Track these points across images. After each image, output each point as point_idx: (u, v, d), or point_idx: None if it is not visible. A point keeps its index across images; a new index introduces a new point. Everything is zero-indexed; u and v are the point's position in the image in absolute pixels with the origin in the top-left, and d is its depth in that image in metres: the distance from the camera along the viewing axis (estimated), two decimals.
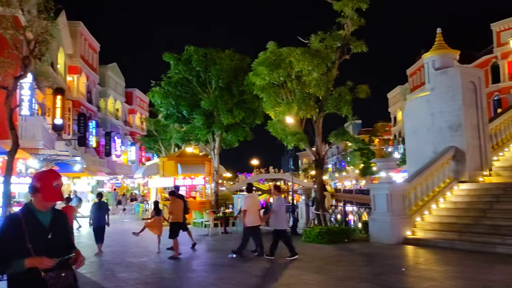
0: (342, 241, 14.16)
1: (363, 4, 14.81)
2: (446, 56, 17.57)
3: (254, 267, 10.84)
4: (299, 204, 18.18)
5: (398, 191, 14.23)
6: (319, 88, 14.90)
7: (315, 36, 15.54)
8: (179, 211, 13.07)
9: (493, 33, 46.32)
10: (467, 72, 17.19)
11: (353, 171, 74.25)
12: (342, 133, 15.56)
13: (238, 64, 21.39)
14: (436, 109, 16.87)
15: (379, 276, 9.30)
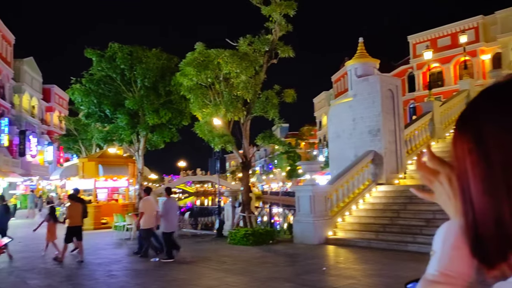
0: (267, 242, 14.34)
1: (290, 10, 15.14)
2: (367, 65, 18.46)
3: (176, 270, 10.63)
4: (226, 206, 18.16)
5: (321, 193, 14.68)
6: (247, 91, 15.00)
7: (243, 39, 15.63)
8: (78, 215, 12.52)
9: (410, 45, 49.58)
10: (386, 80, 18.20)
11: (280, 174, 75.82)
12: (269, 136, 15.78)
13: (165, 63, 20.91)
14: (357, 115, 17.66)
15: (301, 275, 9.52)
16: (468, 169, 0.72)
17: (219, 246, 14.52)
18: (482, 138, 0.69)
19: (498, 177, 0.67)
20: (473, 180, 0.71)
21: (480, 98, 0.73)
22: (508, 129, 0.67)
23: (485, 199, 0.69)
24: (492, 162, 0.68)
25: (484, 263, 0.72)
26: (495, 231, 0.69)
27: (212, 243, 15.42)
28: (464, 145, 0.72)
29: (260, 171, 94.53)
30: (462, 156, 0.73)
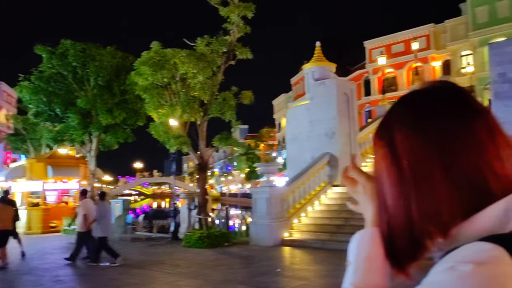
0: (222, 244, 14.22)
1: (248, 12, 15.13)
2: (324, 68, 18.74)
3: (127, 275, 10.31)
4: (181, 209, 17.88)
5: (278, 195, 14.73)
6: (204, 92, 14.84)
7: (201, 39, 15.48)
8: (8, 218, 12.03)
9: (366, 50, 50.89)
10: (341, 84, 18.54)
11: (239, 175, 75.74)
12: (226, 138, 15.68)
13: (120, 62, 20.36)
14: (314, 117, 17.88)
15: (255, 277, 9.47)
16: (383, 173, 0.75)
17: (174, 249, 14.26)
18: (394, 143, 0.73)
19: (409, 181, 0.71)
20: (387, 183, 0.74)
21: (395, 105, 0.77)
22: (415, 134, 0.71)
23: (397, 201, 0.73)
24: (402, 166, 0.72)
25: (395, 265, 0.75)
26: (406, 233, 0.72)
27: (166, 246, 15.13)
28: (380, 150, 0.76)
29: (219, 173, 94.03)
30: (378, 161, 0.76)
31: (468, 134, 0.69)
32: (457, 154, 0.69)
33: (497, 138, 0.71)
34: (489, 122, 0.72)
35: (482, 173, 0.68)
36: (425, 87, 0.76)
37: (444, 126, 0.70)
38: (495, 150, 0.69)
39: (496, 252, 0.60)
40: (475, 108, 0.72)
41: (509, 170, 0.69)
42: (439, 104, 0.72)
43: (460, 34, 43.13)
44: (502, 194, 0.67)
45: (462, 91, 0.75)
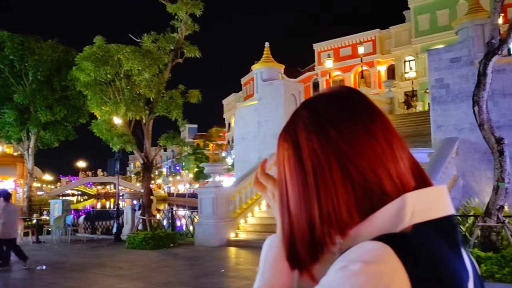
0: (167, 246, 13.99)
1: (197, 10, 14.95)
2: (272, 69, 18.93)
3: (65, 278, 9.90)
4: (125, 209, 17.41)
5: (224, 195, 14.68)
6: (150, 90, 14.50)
7: (147, 36, 15.12)
8: None
9: (315, 53, 51.90)
10: (289, 85, 18.79)
11: (188, 175, 74.91)
12: (173, 137, 15.41)
13: (62, 56, 19.48)
14: (262, 118, 18.00)
15: (199, 279, 9.38)
16: (286, 175, 0.76)
17: (116, 251, 13.86)
18: (298, 145, 0.74)
19: (311, 183, 0.72)
20: (290, 185, 0.75)
21: (299, 109, 0.79)
22: (317, 136, 0.72)
23: (299, 203, 0.74)
24: (305, 168, 0.73)
25: (296, 267, 0.76)
26: (307, 234, 0.73)
27: (108, 248, 14.69)
28: (284, 152, 0.76)
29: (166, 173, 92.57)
30: (282, 163, 0.77)
31: (367, 138, 0.72)
32: (355, 156, 0.71)
33: (394, 141, 0.74)
34: (387, 126, 0.75)
35: (378, 175, 0.71)
36: (328, 92, 0.79)
37: (344, 129, 0.72)
38: (391, 153, 0.72)
39: (383, 250, 0.63)
40: (374, 112, 0.75)
41: (404, 172, 0.73)
42: (340, 108, 0.75)
43: (404, 40, 44.98)
44: (396, 195, 0.70)
45: (363, 96, 0.78)
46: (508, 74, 14.17)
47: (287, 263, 0.78)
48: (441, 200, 0.73)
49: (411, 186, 0.72)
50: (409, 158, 0.75)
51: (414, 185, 0.73)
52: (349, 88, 0.80)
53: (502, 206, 9.67)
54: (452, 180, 14.14)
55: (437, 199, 0.73)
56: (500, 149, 9.53)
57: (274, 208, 0.86)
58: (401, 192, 0.71)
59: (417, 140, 17.52)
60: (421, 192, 0.71)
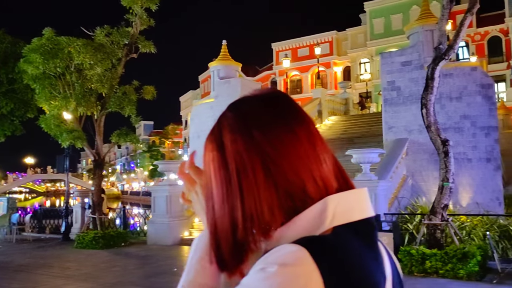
0: (118, 245, 13.66)
1: (152, 4, 14.65)
2: (229, 67, 18.86)
3: (8, 279, 9.46)
4: (74, 208, 16.84)
5: (178, 193, 14.35)
6: (102, 85, 14.08)
7: (101, 29, 14.67)
8: None
9: (274, 52, 52.26)
10: (246, 84, 18.80)
11: (142, 173, 73.42)
12: (126, 134, 15.02)
13: (9, 48, 18.53)
14: (218, 116, 17.90)
15: (150, 278, 9.22)
16: (211, 176, 0.76)
17: (64, 251, 13.39)
18: (223, 146, 0.75)
19: (234, 183, 0.72)
20: (215, 186, 0.75)
21: (225, 111, 0.80)
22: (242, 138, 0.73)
23: (223, 204, 0.74)
24: (229, 168, 0.73)
25: (223, 269, 0.76)
26: (231, 236, 0.73)
27: (56, 248, 14.17)
28: (210, 154, 0.77)
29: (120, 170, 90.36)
30: (207, 164, 0.77)
31: (291, 140, 0.73)
32: (279, 158, 0.72)
33: (318, 144, 0.75)
34: (311, 129, 0.76)
35: (301, 177, 0.72)
36: (255, 94, 0.79)
37: (268, 131, 0.73)
38: (315, 156, 0.74)
39: (300, 253, 0.65)
40: (299, 116, 0.77)
41: (327, 174, 0.74)
42: (266, 110, 0.75)
43: (360, 43, 46.15)
44: (319, 197, 0.72)
45: (289, 99, 0.79)
46: (455, 79, 14.81)
47: None
48: (362, 203, 0.75)
49: (333, 189, 0.74)
50: (332, 161, 0.77)
51: (336, 187, 0.75)
52: (276, 90, 0.81)
53: (447, 205, 10.09)
54: (401, 180, 14.61)
55: (358, 201, 0.75)
56: (446, 150, 9.94)
57: (197, 205, 0.85)
58: (324, 195, 0.72)
59: (370, 140, 18.00)
60: (343, 194, 0.73)
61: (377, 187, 11.51)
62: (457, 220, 11.62)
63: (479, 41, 40.59)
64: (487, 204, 13.59)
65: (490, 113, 14.42)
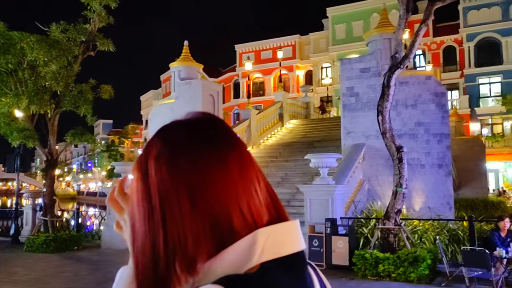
0: (71, 248, 13.24)
1: (112, 2, 14.31)
2: (191, 68, 18.67)
3: None
4: (25, 209, 16.17)
5: None
6: (57, 83, 13.59)
7: (56, 25, 14.17)
8: None
9: (237, 54, 52.24)
10: (208, 85, 18.67)
11: (100, 173, 71.54)
12: (81, 133, 14.57)
13: None
14: (178, 117, 17.64)
15: (101, 284, 8.96)
16: (135, 206, 0.72)
17: (13, 255, 12.83)
18: (147, 174, 0.70)
19: (157, 216, 0.68)
20: (138, 218, 0.71)
21: (154, 135, 0.75)
22: (168, 167, 0.69)
23: (146, 237, 0.69)
24: (152, 200, 0.69)
25: None
26: (152, 272, 0.68)
27: (4, 251, 13.56)
28: (135, 182, 0.73)
29: (77, 169, 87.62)
30: (132, 194, 0.73)
31: (219, 170, 0.69)
32: (205, 189, 0.68)
33: (249, 173, 0.72)
34: (243, 157, 0.73)
35: (227, 209, 0.68)
36: (185, 119, 0.76)
37: (196, 160, 0.69)
38: (245, 186, 0.70)
39: None
40: (231, 143, 0.73)
41: (257, 205, 0.71)
42: (195, 137, 0.71)
43: (322, 47, 46.85)
44: (247, 231, 0.68)
45: (221, 125, 0.75)
46: (411, 87, 15.27)
47: None
48: (293, 236, 0.72)
49: (264, 221, 0.71)
50: (265, 190, 0.74)
51: (267, 219, 0.71)
52: (209, 116, 0.77)
53: (400, 210, 10.38)
54: (358, 184, 14.91)
55: (288, 235, 0.72)
56: (400, 157, 10.22)
57: (126, 234, 0.78)
58: (252, 228, 0.69)
59: (330, 144, 18.29)
60: (273, 228, 0.70)
61: (334, 192, 11.68)
62: (410, 224, 11.97)
63: (435, 50, 42.13)
64: (438, 209, 14.08)
65: (442, 121, 14.95)
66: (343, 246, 10.44)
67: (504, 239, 8.66)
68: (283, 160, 18.81)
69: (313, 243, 10.84)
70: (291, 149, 19.87)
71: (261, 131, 22.17)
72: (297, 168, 17.01)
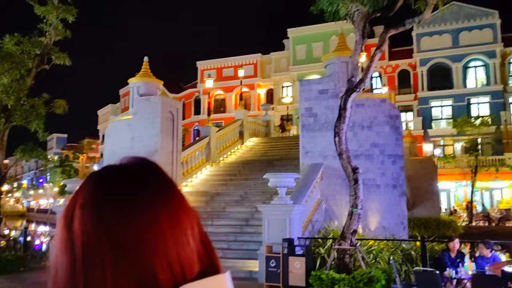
0: (16, 270, 12.55)
1: (69, 16, 14.01)
2: (150, 84, 18.41)
3: None
4: None
5: None
6: (8, 96, 13.08)
7: (10, 37, 13.69)
8: None
9: (198, 71, 52.19)
10: (167, 102, 18.46)
11: (52, 189, 68.79)
12: (31, 149, 14.03)
13: None
14: (136, 134, 17.34)
15: None
16: (58, 257, 0.68)
17: None
18: (71, 224, 0.67)
19: (79, 268, 0.64)
20: (60, 269, 0.67)
21: (84, 181, 0.72)
22: (92, 216, 0.65)
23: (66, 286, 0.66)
24: (75, 251, 0.65)
25: None
26: None
27: None
28: (60, 228, 0.68)
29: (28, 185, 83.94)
30: (57, 239, 0.69)
31: (147, 221, 0.66)
32: (130, 241, 0.64)
33: (181, 222, 0.68)
34: (176, 205, 0.69)
35: (152, 262, 0.64)
36: (118, 165, 0.72)
37: (122, 210, 0.65)
38: (174, 237, 0.66)
39: None
40: (163, 191, 0.69)
41: (188, 256, 0.67)
42: (125, 185, 0.68)
43: (283, 67, 47.62)
44: (172, 285, 0.65)
45: (156, 172, 0.72)
46: (367, 109, 15.70)
47: None
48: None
49: (194, 272, 0.67)
50: (199, 238, 0.70)
51: (199, 269, 0.68)
52: (144, 161, 0.73)
53: (355, 230, 10.53)
54: (316, 204, 15.05)
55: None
56: (355, 178, 10.42)
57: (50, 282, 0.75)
58: (180, 282, 0.65)
59: (289, 163, 18.43)
60: (199, 284, 0.67)
61: (292, 211, 11.73)
62: (365, 244, 12.16)
63: (391, 73, 43.74)
64: (393, 228, 14.40)
65: (396, 142, 15.42)
66: (300, 266, 10.44)
67: (454, 259, 8.94)
68: (243, 178, 18.77)
69: (270, 264, 10.80)
70: (251, 167, 19.88)
71: (221, 149, 22.09)
72: (257, 186, 17.01)
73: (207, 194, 17.69)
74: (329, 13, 10.24)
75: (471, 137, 35.26)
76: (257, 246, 12.39)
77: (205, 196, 17.57)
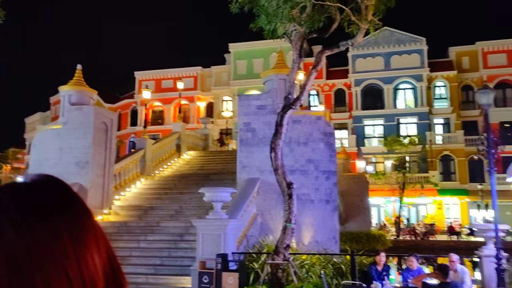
0: None
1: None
2: (83, 93, 17.70)
3: None
4: None
5: None
6: None
7: None
8: None
9: (136, 81, 51.05)
10: (101, 112, 17.80)
11: None
12: None
13: None
14: (66, 144, 16.53)
15: None
16: None
17: None
18: None
19: None
20: None
21: None
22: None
23: None
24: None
25: None
26: None
27: None
28: None
29: None
30: None
31: (47, 237, 0.65)
32: (27, 259, 0.63)
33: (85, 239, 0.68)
34: (79, 222, 0.69)
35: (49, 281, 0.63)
36: (23, 183, 0.71)
37: (23, 228, 0.64)
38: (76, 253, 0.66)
39: None
40: (65, 209, 0.69)
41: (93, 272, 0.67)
42: (28, 202, 0.67)
43: (223, 81, 47.79)
44: None
45: (61, 189, 0.72)
46: (303, 125, 16.08)
47: None
48: None
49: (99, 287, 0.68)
50: (105, 256, 0.71)
51: (103, 286, 0.69)
52: (50, 179, 0.73)
53: (289, 245, 10.66)
54: (252, 218, 15.08)
55: None
56: (290, 193, 10.58)
57: None
58: None
59: (226, 177, 18.36)
60: None
61: (227, 226, 11.65)
62: (299, 258, 12.32)
63: (328, 91, 45.31)
64: (325, 243, 14.73)
65: (330, 159, 15.89)
66: (233, 282, 10.36)
67: (380, 272, 9.28)
68: (178, 192, 18.44)
69: (203, 280, 10.62)
70: (187, 181, 19.59)
71: (157, 162, 21.60)
72: (192, 200, 16.76)
73: (141, 208, 17.17)
74: (267, 31, 10.42)
75: (399, 155, 37.21)
76: (191, 262, 12.15)
77: (138, 210, 17.05)
